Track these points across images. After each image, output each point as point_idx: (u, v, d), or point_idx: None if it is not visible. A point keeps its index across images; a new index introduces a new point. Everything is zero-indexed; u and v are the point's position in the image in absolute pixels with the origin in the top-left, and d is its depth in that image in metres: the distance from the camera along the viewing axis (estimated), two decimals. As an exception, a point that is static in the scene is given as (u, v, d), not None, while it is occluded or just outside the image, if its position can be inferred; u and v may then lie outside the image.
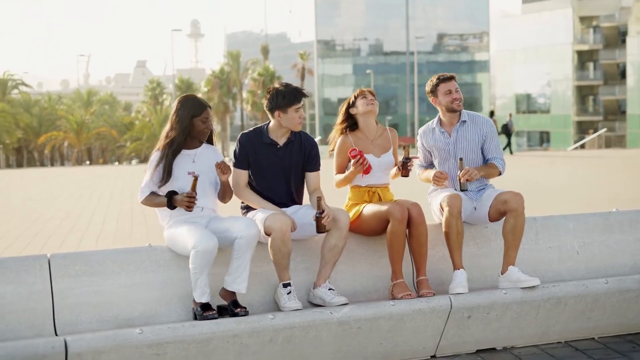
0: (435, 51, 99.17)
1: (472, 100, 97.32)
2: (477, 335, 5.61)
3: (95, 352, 4.72)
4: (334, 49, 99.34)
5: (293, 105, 5.52)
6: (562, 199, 14.91)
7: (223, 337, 4.96)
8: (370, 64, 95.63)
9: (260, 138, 5.61)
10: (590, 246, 6.34)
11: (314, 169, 5.69)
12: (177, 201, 5.29)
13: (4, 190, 24.41)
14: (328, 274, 5.46)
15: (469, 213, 5.97)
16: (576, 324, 5.84)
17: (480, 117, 6.17)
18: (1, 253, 10.08)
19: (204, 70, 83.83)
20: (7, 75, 73.53)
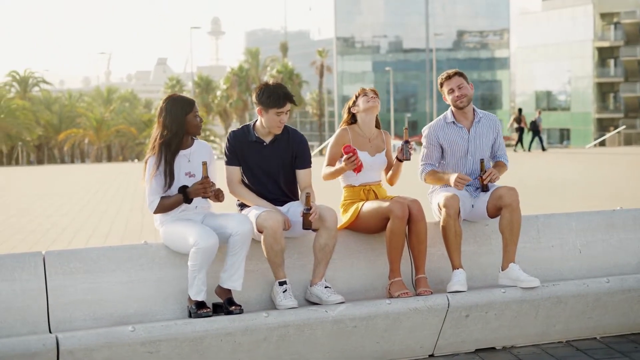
0: (455, 48, 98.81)
1: (492, 97, 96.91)
2: (476, 334, 5.55)
3: (87, 350, 4.70)
4: (354, 46, 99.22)
5: (274, 108, 5.46)
6: (575, 196, 14.79)
7: (216, 335, 4.93)
8: (389, 61, 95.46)
9: (246, 136, 5.57)
10: (593, 245, 6.26)
11: (303, 166, 5.63)
12: (192, 192, 5.22)
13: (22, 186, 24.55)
14: (323, 272, 5.42)
15: (469, 210, 5.91)
16: (577, 324, 5.77)
17: (490, 114, 6.14)
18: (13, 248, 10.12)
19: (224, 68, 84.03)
20: (28, 73, 73.96)
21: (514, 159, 29.02)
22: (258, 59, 78.96)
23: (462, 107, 5.95)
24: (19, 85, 72.90)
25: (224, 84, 75.55)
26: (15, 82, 73.14)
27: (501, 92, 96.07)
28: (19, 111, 64.09)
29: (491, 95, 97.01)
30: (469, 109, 6.01)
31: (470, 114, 6.01)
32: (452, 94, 5.95)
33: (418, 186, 6.34)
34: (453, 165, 5.97)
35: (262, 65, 78.79)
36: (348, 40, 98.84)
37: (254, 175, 5.56)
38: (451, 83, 5.94)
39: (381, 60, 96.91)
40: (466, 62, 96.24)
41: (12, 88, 72.98)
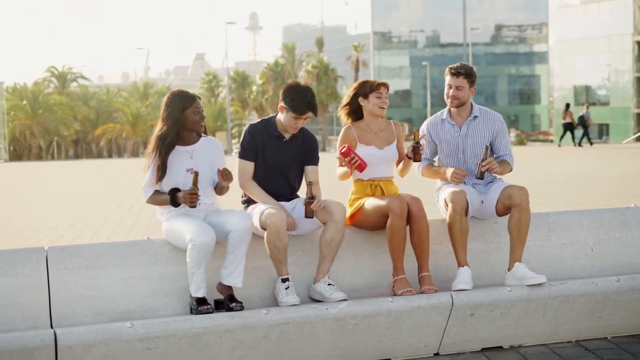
0: (493, 42, 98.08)
1: (530, 92, 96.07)
2: (482, 333, 5.48)
3: (85, 346, 4.71)
4: (390, 41, 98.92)
5: (295, 112, 5.47)
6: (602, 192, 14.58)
7: (215, 332, 4.92)
8: (426, 55, 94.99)
9: (268, 129, 5.57)
10: (605, 243, 6.15)
11: (312, 163, 5.65)
12: (179, 198, 5.25)
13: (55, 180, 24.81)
14: (327, 269, 5.38)
15: (477, 207, 5.83)
16: (587, 323, 5.67)
17: (493, 113, 6.03)
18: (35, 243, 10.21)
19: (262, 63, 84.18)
20: (66, 69, 74.77)
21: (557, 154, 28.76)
22: (294, 54, 78.99)
23: (452, 107, 5.88)
24: (57, 80, 73.77)
25: (259, 79, 75.71)
26: (54, 78, 74.01)
27: (539, 87, 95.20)
28: (57, 106, 64.86)
29: (529, 90, 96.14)
30: (468, 106, 5.92)
31: (465, 112, 5.92)
32: (448, 90, 5.87)
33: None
34: (445, 162, 5.94)
35: (298, 61, 78.80)
36: (385, 35, 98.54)
37: (267, 170, 5.55)
38: (453, 80, 5.85)
39: (418, 55, 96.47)
40: (504, 57, 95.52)
41: (51, 84, 73.86)
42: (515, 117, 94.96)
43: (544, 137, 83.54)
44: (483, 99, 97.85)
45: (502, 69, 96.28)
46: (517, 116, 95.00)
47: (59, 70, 74.27)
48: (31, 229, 12.03)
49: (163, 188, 5.35)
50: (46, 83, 73.71)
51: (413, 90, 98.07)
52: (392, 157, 5.80)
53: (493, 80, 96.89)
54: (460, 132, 5.90)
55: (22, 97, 67.36)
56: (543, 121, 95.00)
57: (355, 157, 5.57)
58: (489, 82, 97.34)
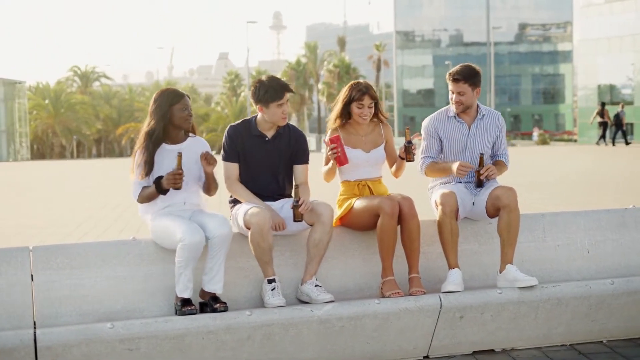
0: (517, 41, 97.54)
1: (555, 91, 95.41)
2: (472, 336, 5.38)
3: (65, 346, 4.68)
4: (413, 40, 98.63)
5: (275, 101, 5.40)
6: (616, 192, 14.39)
7: (197, 333, 4.86)
8: (450, 55, 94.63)
9: (248, 130, 5.51)
10: (602, 244, 6.03)
11: (301, 162, 5.57)
12: (164, 183, 5.16)
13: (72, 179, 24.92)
14: (314, 270, 5.32)
15: (469, 208, 5.74)
16: (581, 326, 5.56)
17: (495, 112, 5.96)
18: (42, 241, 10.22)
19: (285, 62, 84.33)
20: (89, 68, 75.22)
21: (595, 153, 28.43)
22: (316, 53, 78.98)
23: (458, 111, 5.78)
24: (80, 80, 74.21)
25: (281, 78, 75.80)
26: (77, 77, 74.48)
27: (563, 86, 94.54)
28: (79, 105, 65.27)
29: (553, 89, 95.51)
30: (474, 105, 5.83)
31: (473, 110, 5.83)
32: (452, 95, 5.79)
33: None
34: (450, 159, 5.81)
35: (320, 60, 78.80)
36: (408, 34, 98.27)
37: (253, 171, 5.49)
38: (453, 86, 5.75)
39: (441, 54, 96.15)
40: (528, 56, 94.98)
41: (74, 83, 74.33)
42: (540, 116, 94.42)
43: (568, 137, 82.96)
44: (506, 98, 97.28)
45: (526, 68, 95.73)
46: (541, 115, 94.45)
47: (82, 70, 74.73)
48: (40, 227, 12.06)
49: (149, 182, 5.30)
50: (69, 82, 74.20)
51: (436, 90, 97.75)
52: (379, 159, 5.72)
53: (517, 80, 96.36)
54: (469, 131, 5.80)
55: (45, 96, 67.85)
56: (567, 120, 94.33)
57: (339, 149, 5.49)
58: (512, 82, 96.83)
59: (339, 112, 5.72)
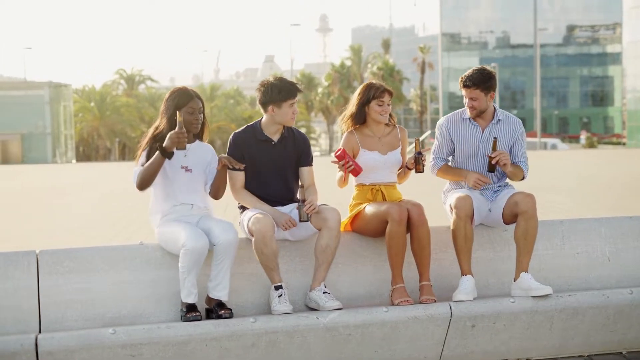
0: (565, 43, 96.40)
1: (603, 94, 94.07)
2: (485, 345, 5.25)
3: (67, 352, 4.65)
4: (460, 42, 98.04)
5: (288, 100, 5.33)
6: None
7: (201, 340, 4.80)
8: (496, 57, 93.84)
9: (254, 135, 5.43)
10: (623, 253, 5.85)
11: (306, 164, 5.49)
12: (167, 144, 5.05)
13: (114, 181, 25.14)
14: (323, 276, 5.23)
15: (485, 215, 5.61)
16: (599, 337, 5.39)
17: (514, 118, 5.79)
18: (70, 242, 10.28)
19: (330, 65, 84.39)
20: (134, 71, 75.98)
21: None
22: (360, 55, 78.81)
23: (472, 116, 5.65)
24: (126, 82, 75.02)
25: (325, 81, 75.78)
26: (123, 80, 75.29)
27: (612, 89, 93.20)
28: (124, 108, 65.91)
29: (602, 92, 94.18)
30: (490, 109, 5.69)
31: (488, 114, 5.69)
32: (466, 100, 5.66)
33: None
34: (460, 163, 5.70)
35: (364, 62, 78.63)
36: (454, 36, 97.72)
37: (261, 176, 5.42)
38: (465, 92, 5.63)
39: (488, 57, 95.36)
40: (576, 58, 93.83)
41: (120, 86, 75.15)
42: (588, 119, 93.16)
43: (616, 140, 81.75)
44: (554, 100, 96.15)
45: (574, 70, 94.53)
46: (589, 118, 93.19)
47: (128, 73, 75.53)
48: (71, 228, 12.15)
49: (155, 183, 5.23)
50: (115, 85, 75.04)
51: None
52: (396, 163, 5.61)
53: (564, 82, 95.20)
54: (482, 135, 5.67)
55: (90, 99, 68.68)
56: (616, 123, 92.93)
57: (349, 161, 5.40)
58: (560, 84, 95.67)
59: (353, 113, 5.61)
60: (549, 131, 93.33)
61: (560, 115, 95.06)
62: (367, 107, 5.60)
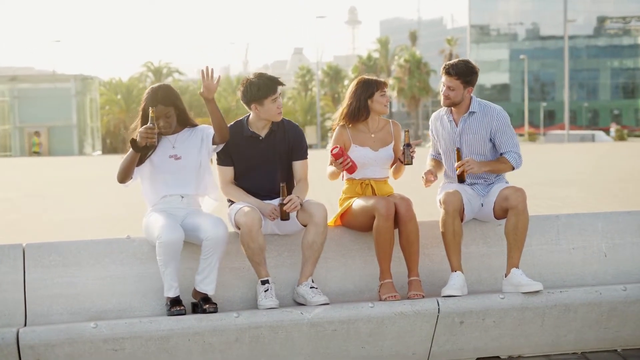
0: (595, 35, 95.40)
1: (634, 86, 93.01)
2: (475, 342, 5.17)
3: (47, 345, 4.64)
4: (489, 34, 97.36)
5: (269, 96, 5.26)
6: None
7: (183, 334, 4.77)
8: (526, 48, 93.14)
9: (241, 131, 5.38)
10: (621, 248, 5.73)
11: (299, 158, 5.42)
12: (138, 140, 5.02)
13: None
14: (310, 271, 5.18)
15: (477, 210, 5.52)
16: (592, 334, 5.29)
17: (493, 107, 5.61)
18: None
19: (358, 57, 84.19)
20: (162, 64, 76.27)
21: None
22: (387, 47, 78.55)
23: (444, 105, 5.59)
24: (153, 75, 75.33)
25: (352, 73, 75.61)
26: (150, 72, 75.64)
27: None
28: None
29: (633, 84, 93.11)
30: (466, 102, 5.58)
31: (462, 108, 5.58)
32: (443, 87, 5.57)
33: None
34: (446, 158, 5.67)
35: (392, 54, 78.38)
36: (483, 27, 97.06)
37: (248, 171, 5.36)
38: (445, 79, 5.54)
39: (517, 48, 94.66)
40: (607, 49, 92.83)
41: (147, 78, 75.50)
42: (619, 111, 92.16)
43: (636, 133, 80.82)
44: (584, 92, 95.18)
45: (605, 62, 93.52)
46: (620, 110, 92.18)
47: (155, 65, 75.85)
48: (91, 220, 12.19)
49: (143, 176, 5.23)
50: (142, 77, 75.38)
51: (512, 84, 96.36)
52: (387, 159, 5.54)
53: (595, 74, 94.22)
54: (457, 129, 5.58)
55: (117, 91, 69.09)
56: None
57: (347, 158, 5.34)
58: (590, 76, 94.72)
59: (354, 108, 5.51)
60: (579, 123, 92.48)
61: (591, 108, 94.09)
62: (370, 100, 5.52)
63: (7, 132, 62.08)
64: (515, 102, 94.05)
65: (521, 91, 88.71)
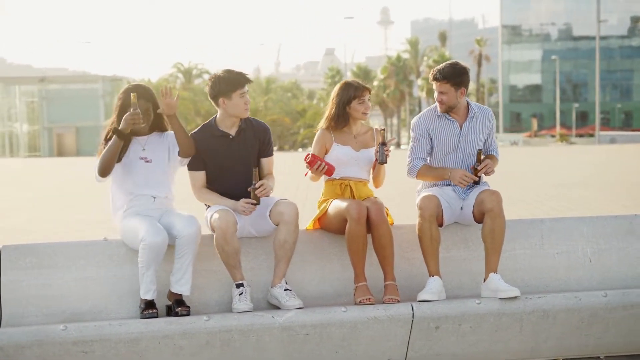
0: (629, 35, 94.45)
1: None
2: (451, 347, 5.11)
3: (17, 347, 4.65)
4: (520, 34, 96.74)
5: (237, 90, 5.23)
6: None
7: (152, 337, 4.76)
8: (558, 49, 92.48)
9: (210, 132, 5.35)
10: (606, 253, 5.63)
11: (267, 155, 5.41)
12: (123, 125, 5.03)
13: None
14: (283, 272, 5.13)
15: (458, 213, 5.46)
16: (573, 341, 5.20)
17: (485, 109, 5.65)
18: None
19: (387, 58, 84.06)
20: (192, 65, 76.69)
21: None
22: (417, 48, 78.29)
23: (441, 111, 5.50)
24: (183, 76, 75.78)
25: (381, 74, 75.45)
26: (180, 73, 76.11)
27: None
28: (180, 101, 66.48)
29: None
30: (463, 104, 5.53)
31: (462, 109, 5.53)
32: (436, 94, 5.52)
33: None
34: (439, 161, 5.53)
35: (421, 55, 78.11)
36: (515, 28, 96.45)
37: (223, 172, 5.33)
38: (435, 85, 5.48)
39: (549, 49, 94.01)
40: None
41: (177, 79, 75.95)
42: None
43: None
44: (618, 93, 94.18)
45: (639, 62, 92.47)
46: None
47: (185, 66, 76.28)
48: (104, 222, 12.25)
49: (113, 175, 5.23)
50: (172, 78, 75.85)
51: (544, 85, 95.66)
52: (367, 161, 5.48)
53: (628, 75, 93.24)
54: (461, 130, 5.52)
55: (146, 92, 69.48)
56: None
57: (321, 163, 5.29)
58: (623, 77, 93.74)
59: (334, 113, 5.49)
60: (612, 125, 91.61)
61: (624, 109, 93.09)
62: (348, 107, 5.47)
63: (37, 133, 62.78)
64: (547, 103, 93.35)
65: (553, 92, 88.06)
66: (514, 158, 36.90)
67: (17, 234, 11.59)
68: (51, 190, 21.87)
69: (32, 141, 63.10)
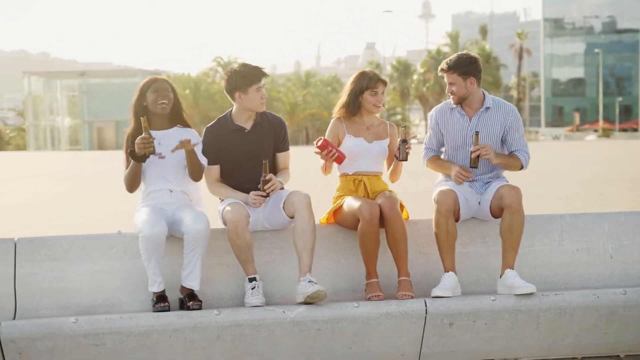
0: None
1: None
2: (466, 344, 5.03)
3: (29, 339, 4.66)
4: (563, 28, 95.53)
5: (253, 84, 5.20)
6: None
7: (163, 331, 4.75)
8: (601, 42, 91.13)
9: (225, 126, 5.32)
10: (628, 249, 5.51)
11: (283, 149, 5.38)
12: (136, 151, 5.02)
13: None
14: (307, 264, 5.02)
15: (475, 209, 5.37)
16: (591, 339, 5.10)
17: (506, 104, 5.51)
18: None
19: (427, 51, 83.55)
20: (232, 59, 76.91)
21: None
22: (457, 42, 77.75)
23: (454, 102, 5.41)
24: (223, 70, 76.00)
25: (421, 68, 75.06)
26: (220, 67, 76.38)
27: None
28: (218, 95, 66.78)
29: None
30: (477, 96, 5.43)
31: (475, 103, 5.43)
32: (448, 86, 5.44)
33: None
34: (450, 154, 5.47)
35: (462, 49, 77.53)
36: (557, 21, 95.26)
37: (237, 166, 5.31)
38: (446, 76, 5.40)
39: (593, 42, 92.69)
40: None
41: (217, 73, 76.24)
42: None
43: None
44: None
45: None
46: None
47: (225, 60, 76.56)
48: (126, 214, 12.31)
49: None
50: (212, 72, 76.21)
51: (587, 79, 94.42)
52: (380, 152, 5.43)
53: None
54: (470, 124, 5.43)
55: (185, 86, 69.94)
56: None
57: (332, 149, 5.24)
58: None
59: (346, 102, 5.45)
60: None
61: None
62: (360, 97, 5.42)
63: (78, 127, 63.42)
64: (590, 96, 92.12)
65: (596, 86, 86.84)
66: (550, 154, 36.46)
67: (42, 227, 11.69)
68: (85, 182, 22.06)
69: (73, 135, 63.75)
